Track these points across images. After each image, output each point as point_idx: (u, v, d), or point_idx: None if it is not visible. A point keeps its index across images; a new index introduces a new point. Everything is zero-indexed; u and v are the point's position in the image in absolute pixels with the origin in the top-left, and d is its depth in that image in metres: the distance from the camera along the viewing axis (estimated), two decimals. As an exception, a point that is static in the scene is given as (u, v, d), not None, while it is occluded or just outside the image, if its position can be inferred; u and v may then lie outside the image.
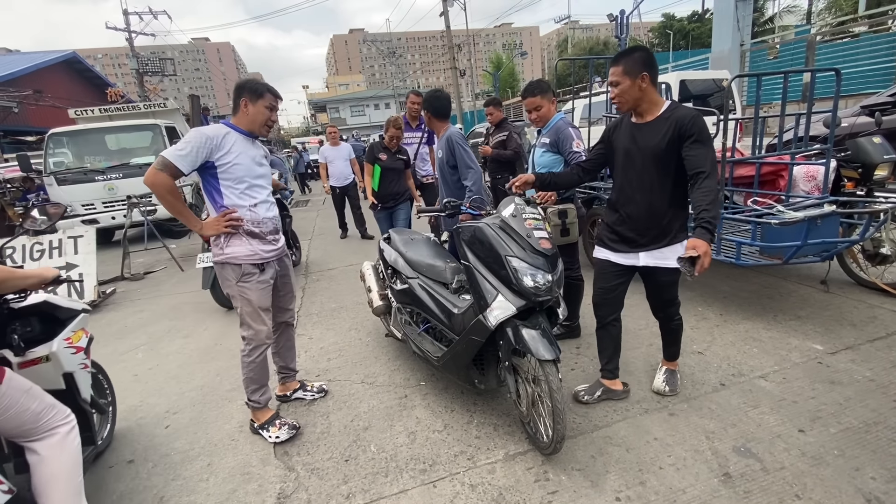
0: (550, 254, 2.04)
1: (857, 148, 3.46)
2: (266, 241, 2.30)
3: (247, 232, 2.23)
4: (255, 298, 2.26)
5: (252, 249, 2.24)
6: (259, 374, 2.35)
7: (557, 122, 2.81)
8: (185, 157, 2.04)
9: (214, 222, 2.18)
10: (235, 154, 2.15)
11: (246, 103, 2.20)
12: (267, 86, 2.25)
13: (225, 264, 2.24)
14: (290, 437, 2.33)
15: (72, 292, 4.68)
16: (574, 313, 3.09)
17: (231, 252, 2.21)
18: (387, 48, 48.68)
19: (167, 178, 2.03)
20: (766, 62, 13.52)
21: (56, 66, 22.07)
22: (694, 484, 1.82)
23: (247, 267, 2.24)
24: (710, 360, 2.72)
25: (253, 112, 2.22)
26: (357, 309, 4.06)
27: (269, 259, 2.32)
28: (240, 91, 2.22)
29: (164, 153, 2.04)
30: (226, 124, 2.21)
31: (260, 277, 2.28)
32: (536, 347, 1.89)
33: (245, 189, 2.21)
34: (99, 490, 2.10)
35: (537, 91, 2.84)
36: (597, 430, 2.19)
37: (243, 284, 2.24)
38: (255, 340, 2.30)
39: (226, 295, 2.34)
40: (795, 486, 1.76)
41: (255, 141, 2.30)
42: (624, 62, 2.02)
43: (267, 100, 2.23)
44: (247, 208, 2.22)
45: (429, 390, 2.67)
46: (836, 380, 2.41)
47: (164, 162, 2.02)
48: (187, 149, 2.04)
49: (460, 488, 1.91)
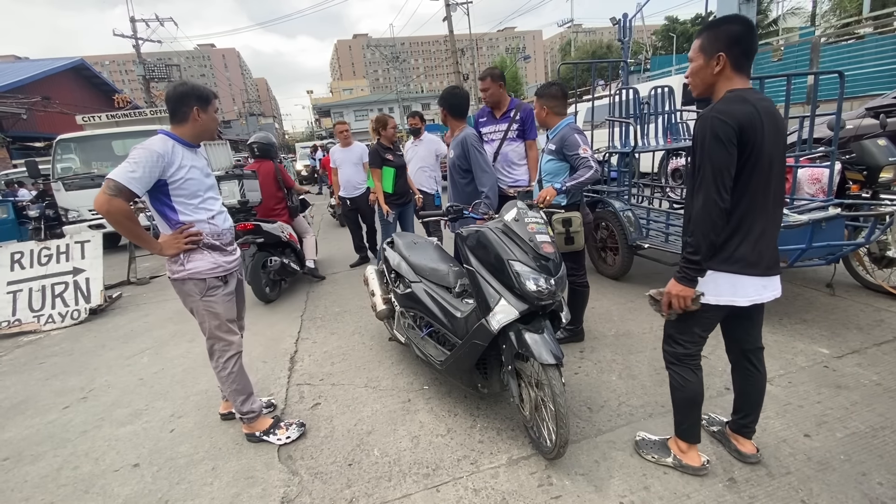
0: (553, 258, 2.04)
1: (861, 150, 3.44)
2: (227, 252, 2.24)
3: (207, 245, 2.14)
4: (222, 311, 2.21)
5: (215, 262, 2.17)
6: (241, 383, 2.31)
7: (562, 129, 2.75)
8: (138, 179, 1.89)
9: (173, 240, 2.06)
10: (186, 168, 2.04)
11: (198, 112, 2.08)
12: (211, 90, 2.16)
13: (187, 280, 2.14)
14: (300, 434, 2.36)
15: (78, 296, 4.72)
16: (578, 318, 3.08)
17: (193, 267, 2.12)
18: (390, 53, 48.91)
19: (122, 203, 1.90)
20: (770, 65, 13.48)
21: (64, 73, 22.34)
22: (699, 489, 1.80)
23: (211, 281, 2.16)
24: (714, 364, 2.70)
25: (205, 120, 2.12)
26: (361, 313, 4.06)
27: (231, 270, 2.27)
28: (186, 98, 2.06)
29: (114, 176, 1.87)
30: (167, 135, 2.05)
31: (225, 290, 2.23)
32: (539, 351, 1.89)
33: (200, 203, 2.12)
34: (104, 494, 2.12)
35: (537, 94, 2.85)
36: (600, 435, 2.18)
37: (209, 299, 2.17)
38: (228, 351, 2.25)
39: (189, 311, 2.25)
40: (801, 492, 1.75)
41: (197, 150, 2.19)
42: (704, 36, 1.61)
43: (215, 105, 2.15)
44: (205, 221, 2.14)
45: (432, 394, 2.67)
46: (842, 384, 2.39)
47: (117, 186, 1.86)
48: (140, 170, 1.89)
49: (464, 493, 1.90)
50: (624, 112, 4.47)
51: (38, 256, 4.81)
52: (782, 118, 1.67)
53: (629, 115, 4.45)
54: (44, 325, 4.52)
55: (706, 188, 1.52)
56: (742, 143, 1.50)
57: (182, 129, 2.10)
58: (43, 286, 4.69)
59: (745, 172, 1.54)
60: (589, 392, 2.54)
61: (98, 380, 3.31)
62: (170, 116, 2.11)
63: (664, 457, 1.93)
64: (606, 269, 4.30)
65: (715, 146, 1.50)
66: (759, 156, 1.53)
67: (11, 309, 4.55)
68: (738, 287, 1.63)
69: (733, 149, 1.49)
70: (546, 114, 2.81)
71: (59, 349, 4.01)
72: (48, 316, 4.58)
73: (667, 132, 4.86)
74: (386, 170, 4.39)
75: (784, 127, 1.64)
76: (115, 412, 2.84)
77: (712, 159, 1.51)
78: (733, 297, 1.64)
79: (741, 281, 1.62)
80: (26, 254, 4.81)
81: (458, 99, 3.09)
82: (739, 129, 1.48)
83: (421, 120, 5.08)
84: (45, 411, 2.94)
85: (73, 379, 3.38)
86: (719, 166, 1.50)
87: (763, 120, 1.51)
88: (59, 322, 4.56)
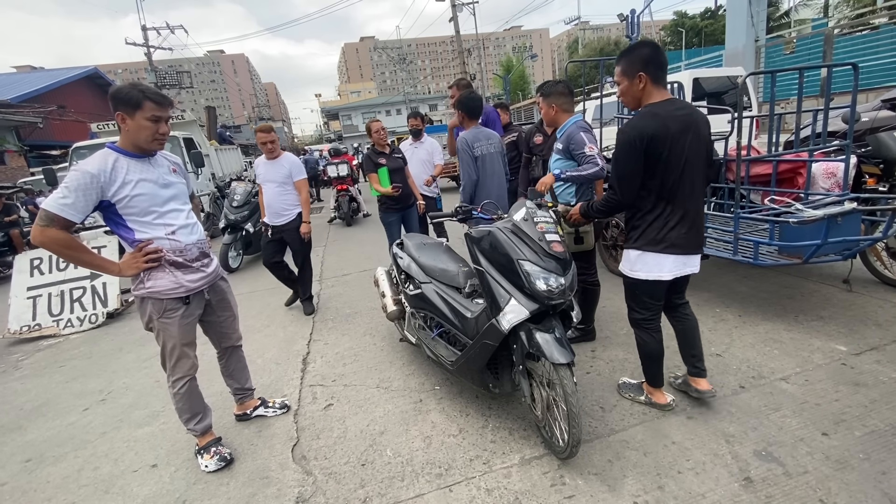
0: (563, 257, 2.03)
1: (878, 143, 3.37)
2: (192, 269, 2.07)
3: (169, 262, 2.00)
4: (177, 335, 2.08)
5: (176, 281, 2.02)
6: (187, 404, 2.21)
7: (569, 128, 2.75)
8: (71, 205, 1.76)
9: (131, 260, 1.94)
10: (132, 184, 1.88)
11: (123, 118, 1.87)
12: (146, 92, 1.88)
13: (145, 298, 2.02)
14: (217, 468, 2.22)
15: (96, 301, 4.81)
16: (589, 317, 3.07)
17: (152, 286, 1.99)
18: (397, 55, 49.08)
19: (58, 232, 1.77)
20: (782, 58, 13.27)
21: (78, 82, 22.81)
22: (714, 489, 1.79)
23: (169, 302, 2.03)
24: (728, 362, 2.67)
25: (133, 128, 1.88)
26: (372, 314, 4.09)
27: (196, 289, 2.11)
28: (112, 104, 1.86)
29: (46, 205, 1.74)
30: (112, 148, 1.91)
31: (185, 312, 2.08)
32: (550, 351, 1.88)
33: (155, 219, 1.97)
34: (124, 494, 2.16)
35: (542, 93, 2.90)
36: (613, 435, 2.17)
37: (165, 321, 2.04)
38: (176, 374, 2.14)
39: (146, 328, 2.12)
40: (819, 491, 1.72)
41: (150, 159, 2.00)
42: (623, 62, 2.03)
43: (147, 110, 1.87)
44: (164, 238, 1.99)
45: (444, 395, 2.68)
46: (860, 381, 2.35)
47: (49, 216, 1.73)
48: (72, 195, 1.75)
49: (476, 493, 1.91)
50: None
51: (57, 262, 4.92)
52: (702, 120, 2.01)
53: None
54: (63, 330, 4.61)
55: (614, 184, 2.04)
56: (651, 150, 1.90)
57: (120, 138, 1.93)
58: (62, 291, 4.79)
59: (657, 172, 1.95)
60: (601, 391, 2.52)
61: (116, 382, 3.38)
62: None
63: (638, 395, 2.38)
64: (617, 268, 4.27)
65: (624, 155, 1.96)
66: (670, 157, 1.91)
67: (32, 314, 4.66)
68: (662, 264, 2.04)
69: (640, 156, 1.92)
70: (555, 112, 2.83)
71: (79, 352, 4.10)
72: (67, 320, 4.67)
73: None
74: (381, 171, 4.28)
75: (702, 127, 2.00)
76: (133, 414, 2.89)
77: (620, 165, 1.98)
78: (659, 272, 2.06)
79: (664, 259, 2.03)
80: (45, 259, 4.92)
81: (474, 102, 3.27)
82: (648, 140, 1.89)
83: (422, 121, 4.99)
84: (66, 413, 3.01)
85: (93, 381, 3.45)
86: (625, 172, 1.97)
87: (673, 127, 1.90)
88: (78, 326, 4.65)
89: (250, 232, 6.45)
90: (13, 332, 4.55)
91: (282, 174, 3.92)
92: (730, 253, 3.24)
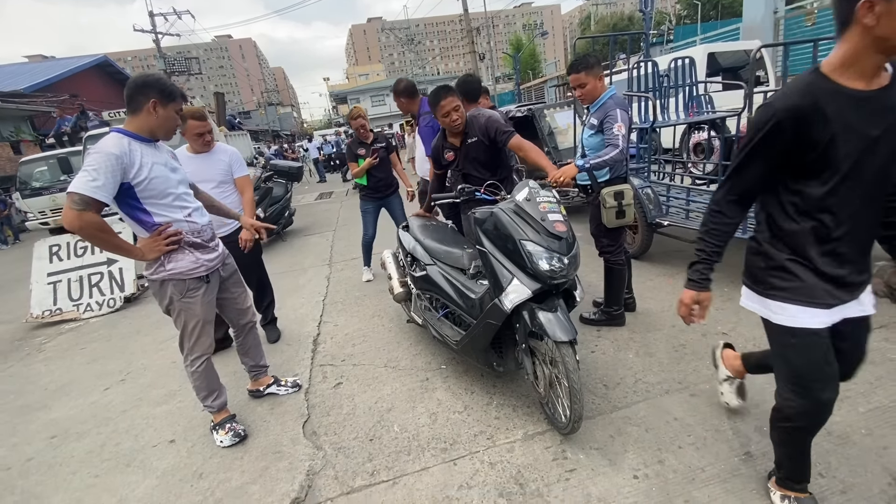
0: (565, 237, 2.04)
1: None
2: (208, 248, 2.17)
3: (189, 244, 2.07)
4: (200, 313, 2.15)
5: (196, 261, 2.10)
6: (204, 382, 2.29)
7: (606, 101, 2.62)
8: (102, 187, 1.77)
9: (152, 243, 1.97)
10: (149, 166, 1.92)
11: (156, 105, 1.94)
12: (180, 89, 2.07)
13: (166, 281, 2.07)
14: (232, 443, 2.31)
15: (113, 286, 4.95)
16: (615, 299, 2.97)
17: (174, 267, 2.04)
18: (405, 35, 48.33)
19: (93, 216, 1.78)
20: (803, 30, 12.75)
21: (89, 71, 22.98)
22: (714, 462, 1.82)
23: (191, 282, 2.10)
24: (735, 340, 2.66)
25: (163, 116, 1.97)
26: (380, 296, 4.14)
27: (213, 268, 2.21)
28: (146, 89, 1.92)
29: (77, 188, 1.73)
30: (120, 132, 1.92)
31: (206, 290, 2.17)
32: (553, 329, 1.91)
33: (173, 201, 2.02)
34: (144, 467, 2.27)
35: (581, 67, 2.64)
36: (616, 411, 2.20)
37: (188, 300, 2.11)
38: (195, 352, 2.22)
39: (164, 312, 2.17)
40: (820, 465, 1.73)
41: (157, 144, 2.05)
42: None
43: (178, 104, 2.03)
44: (183, 220, 2.05)
45: (449, 373, 2.73)
46: (868, 359, 2.33)
47: (84, 199, 1.74)
48: (101, 177, 1.77)
49: (480, 466, 1.96)
50: (643, 86, 4.34)
51: (75, 248, 5.06)
52: None
53: (648, 89, 4.33)
54: (83, 314, 4.77)
55: None
56: None
57: (136, 122, 1.95)
58: (80, 277, 4.94)
59: None
60: (605, 370, 2.55)
61: (135, 363, 3.50)
62: (126, 105, 1.96)
63: None
64: (626, 248, 4.25)
65: None
66: None
67: (52, 299, 4.82)
68: None
69: None
70: (601, 84, 2.66)
71: (98, 335, 4.24)
72: (86, 304, 4.83)
73: (688, 105, 4.71)
74: (360, 162, 4.22)
75: None
76: (152, 393, 3.00)
77: None
78: None
79: None
80: (63, 246, 5.06)
81: (470, 85, 3.32)
82: None
83: None
84: (88, 392, 3.14)
85: (113, 363, 3.58)
86: None
87: None
88: (97, 310, 4.80)
89: (261, 217, 6.53)
90: (35, 316, 4.72)
91: (219, 171, 3.03)
92: (739, 232, 3.20)
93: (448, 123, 2.71)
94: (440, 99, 2.66)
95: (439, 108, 2.67)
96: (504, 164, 2.91)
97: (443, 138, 2.95)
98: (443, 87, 2.74)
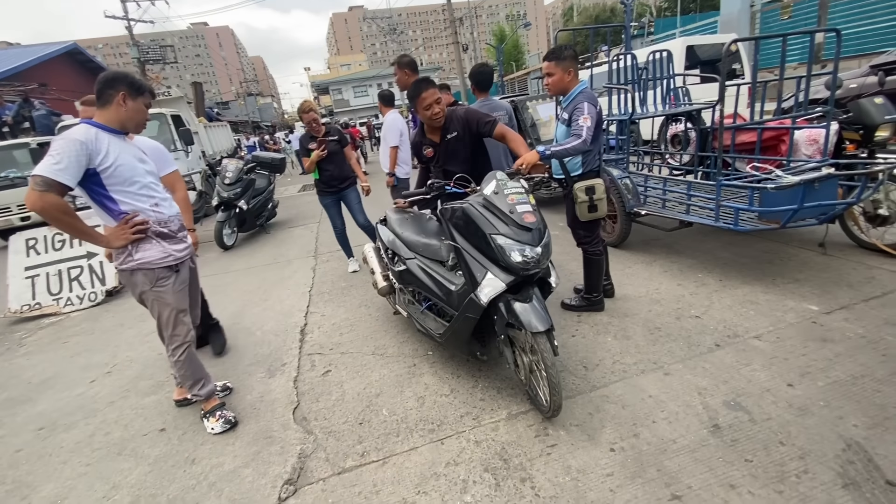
0: (536, 227, 2.06)
1: (858, 109, 3.44)
2: (177, 239, 2.22)
3: (156, 234, 2.12)
4: (172, 301, 2.20)
5: (164, 251, 2.14)
6: (189, 370, 2.34)
7: (577, 96, 2.68)
8: (65, 170, 1.82)
9: (119, 231, 2.03)
10: (115, 155, 1.98)
11: (125, 97, 2.02)
12: (149, 85, 2.15)
13: (136, 271, 2.11)
14: (223, 430, 2.35)
15: (94, 279, 4.88)
16: (594, 286, 3.07)
17: (141, 257, 2.09)
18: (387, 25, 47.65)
19: (55, 197, 1.82)
20: (778, 23, 13.07)
21: (58, 59, 22.11)
22: (684, 435, 1.94)
23: (160, 271, 2.14)
24: (706, 323, 2.81)
25: (132, 108, 2.06)
26: (366, 287, 4.19)
27: (182, 258, 2.25)
28: (115, 83, 2.01)
29: (40, 171, 1.79)
30: (89, 123, 1.99)
31: (176, 280, 2.22)
32: (528, 320, 1.97)
33: (139, 189, 2.08)
34: (136, 455, 2.30)
35: (552, 57, 2.72)
36: (595, 391, 2.31)
37: (159, 289, 2.16)
38: (175, 342, 2.26)
39: (138, 301, 2.22)
40: (780, 435, 1.87)
41: (125, 137, 2.13)
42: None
43: (147, 98, 2.12)
44: (149, 209, 2.10)
45: (436, 359, 2.81)
46: (828, 338, 2.50)
47: (46, 181, 1.79)
48: (64, 160, 1.82)
49: (466, 444, 2.06)
50: (622, 79, 4.44)
51: (52, 242, 4.96)
52: None
53: (627, 81, 4.43)
54: (63, 308, 4.70)
55: None
56: None
57: (105, 115, 2.03)
58: (59, 270, 4.85)
59: None
60: (585, 352, 2.66)
61: (120, 355, 3.49)
62: (96, 99, 2.05)
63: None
64: (605, 237, 4.37)
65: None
66: None
67: (31, 293, 4.73)
68: None
69: None
70: (570, 77, 2.73)
71: (80, 329, 4.20)
72: (66, 299, 4.75)
73: (666, 98, 4.84)
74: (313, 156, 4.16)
75: None
76: (139, 384, 3.01)
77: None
78: None
79: None
80: (40, 240, 4.95)
81: (483, 76, 3.63)
82: None
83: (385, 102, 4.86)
84: (74, 385, 3.13)
85: (97, 355, 3.56)
86: None
87: None
88: (78, 304, 4.74)
89: (244, 209, 6.49)
90: (14, 311, 4.63)
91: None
92: (712, 220, 3.35)
93: (429, 117, 2.67)
94: (421, 91, 2.63)
95: (420, 100, 2.64)
96: (484, 158, 2.94)
97: (421, 134, 2.91)
98: (423, 79, 2.72)
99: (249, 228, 6.98)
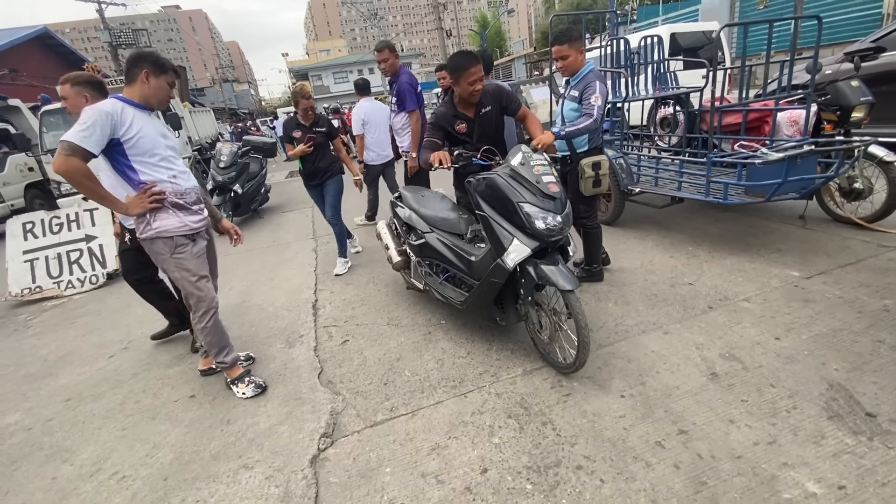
0: (558, 197, 2.23)
1: (836, 92, 3.68)
2: (192, 211, 2.32)
3: (172, 204, 2.23)
4: (193, 267, 2.32)
5: (181, 221, 2.26)
6: (216, 337, 2.44)
7: (587, 75, 2.80)
8: (90, 137, 1.95)
9: (137, 200, 2.15)
10: (138, 127, 2.11)
11: (148, 75, 2.16)
12: (172, 64, 2.26)
13: (155, 239, 2.23)
14: (254, 394, 2.48)
15: (94, 262, 4.88)
16: (594, 258, 3.27)
17: (159, 226, 2.21)
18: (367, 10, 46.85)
19: (79, 162, 1.95)
20: (755, 12, 13.43)
21: (28, 43, 21.19)
22: (686, 382, 2.15)
23: (179, 239, 2.26)
24: (699, 289, 3.03)
25: (155, 85, 2.19)
26: (371, 265, 4.31)
27: (198, 229, 2.36)
28: (139, 61, 2.15)
29: (68, 137, 1.93)
30: (117, 98, 2.12)
31: (194, 248, 2.33)
32: (557, 280, 2.13)
33: (159, 161, 2.20)
34: (170, 419, 2.41)
35: (565, 39, 2.79)
36: (601, 349, 2.51)
37: (178, 255, 2.27)
38: (202, 306, 2.36)
39: (161, 270, 2.31)
40: (770, 378, 2.10)
41: (151, 113, 2.25)
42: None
43: (170, 76, 2.24)
44: (167, 181, 2.22)
45: (450, 327, 2.98)
46: (809, 299, 2.74)
47: (72, 146, 1.92)
48: (90, 129, 1.96)
49: (488, 397, 2.23)
50: (614, 63, 4.61)
51: (50, 225, 4.92)
52: None
53: (620, 65, 4.60)
54: (65, 291, 4.69)
55: None
56: None
57: (131, 91, 2.17)
58: (58, 254, 4.83)
59: None
60: (589, 317, 2.83)
61: (134, 332, 3.56)
62: (125, 77, 2.19)
63: None
64: (601, 216, 4.57)
65: None
66: None
67: (31, 276, 4.71)
68: None
69: None
70: (582, 56, 2.84)
71: (87, 310, 4.22)
72: (67, 282, 4.75)
73: (656, 82, 5.03)
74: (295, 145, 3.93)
75: None
76: (160, 357, 3.10)
77: None
78: None
79: None
80: (37, 223, 4.91)
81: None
82: None
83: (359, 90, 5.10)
84: (92, 361, 3.19)
85: (110, 333, 3.61)
86: None
87: None
88: (79, 287, 4.74)
89: (238, 193, 6.49)
90: (14, 294, 4.61)
91: None
92: (702, 195, 3.57)
93: (470, 92, 2.58)
94: (470, 65, 2.50)
95: (468, 73, 2.50)
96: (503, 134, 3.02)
97: (452, 107, 2.75)
98: (467, 52, 2.65)
99: (244, 213, 6.98)
